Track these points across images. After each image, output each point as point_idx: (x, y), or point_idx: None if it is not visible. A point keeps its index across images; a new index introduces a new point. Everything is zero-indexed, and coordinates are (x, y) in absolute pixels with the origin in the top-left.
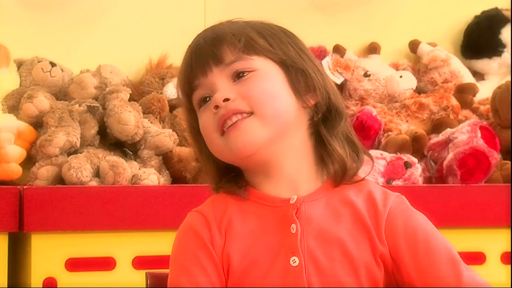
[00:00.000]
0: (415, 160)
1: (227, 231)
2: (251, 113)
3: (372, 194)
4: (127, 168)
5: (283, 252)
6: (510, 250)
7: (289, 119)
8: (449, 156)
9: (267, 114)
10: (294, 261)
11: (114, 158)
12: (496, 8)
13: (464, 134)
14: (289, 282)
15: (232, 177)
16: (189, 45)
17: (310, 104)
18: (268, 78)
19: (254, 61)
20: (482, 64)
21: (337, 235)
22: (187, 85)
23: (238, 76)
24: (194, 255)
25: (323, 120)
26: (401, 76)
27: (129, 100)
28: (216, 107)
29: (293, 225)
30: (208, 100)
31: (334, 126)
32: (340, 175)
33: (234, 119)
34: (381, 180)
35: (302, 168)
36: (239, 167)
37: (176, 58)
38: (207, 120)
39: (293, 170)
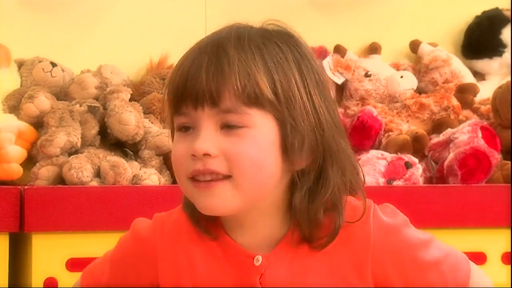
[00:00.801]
0: (415, 160)
1: (183, 272)
2: (228, 176)
3: (347, 235)
4: (128, 168)
5: None
6: (510, 251)
7: (269, 189)
8: (450, 156)
9: (245, 185)
10: None
11: (115, 158)
12: (497, 8)
13: (465, 134)
14: None
15: None
16: (188, 58)
17: (298, 167)
18: (259, 142)
19: (251, 116)
20: (483, 64)
21: None
22: (173, 103)
23: (228, 126)
24: (125, 257)
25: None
26: (401, 76)
27: (130, 100)
28: (193, 156)
29: (258, 257)
30: (188, 130)
31: (317, 195)
32: (310, 238)
33: (208, 177)
34: (381, 180)
35: (272, 219)
36: None
37: (177, 58)
38: (179, 152)
39: (262, 224)
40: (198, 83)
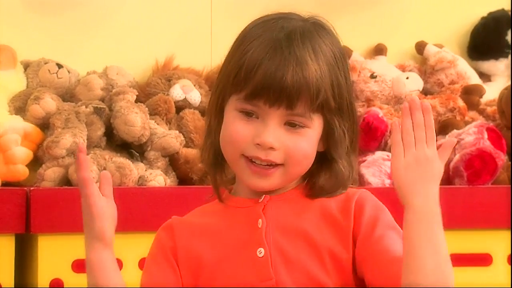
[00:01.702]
0: None
1: (197, 234)
2: (281, 165)
3: (342, 194)
4: (134, 170)
5: (251, 245)
6: (510, 251)
7: (306, 169)
8: (456, 157)
9: (293, 171)
10: (260, 252)
11: (121, 160)
12: (503, 10)
13: (471, 135)
14: (257, 272)
15: (220, 166)
16: (270, 46)
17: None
18: (313, 140)
19: (313, 120)
20: (489, 65)
21: (301, 226)
22: (247, 92)
23: (291, 125)
24: (156, 257)
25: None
26: (407, 78)
27: (136, 101)
28: (258, 145)
29: (260, 220)
30: (251, 115)
31: (343, 170)
32: (324, 191)
33: (267, 166)
34: (387, 181)
35: (292, 184)
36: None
37: (183, 59)
38: (240, 133)
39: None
40: (283, 89)
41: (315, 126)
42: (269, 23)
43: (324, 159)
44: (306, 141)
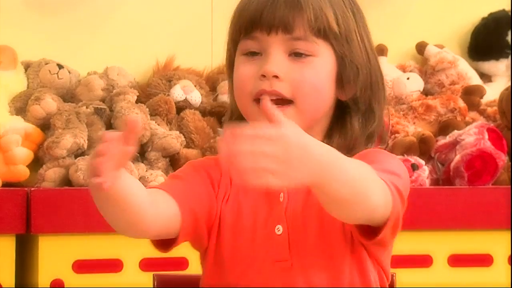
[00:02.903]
0: (422, 162)
1: (228, 189)
2: (290, 101)
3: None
4: (134, 170)
5: (270, 220)
6: (510, 251)
7: (323, 112)
8: (456, 158)
9: (305, 108)
10: (278, 229)
11: None
12: (504, 10)
13: (471, 136)
14: (273, 249)
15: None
16: None
17: (347, 97)
18: (322, 70)
19: (318, 46)
20: (489, 66)
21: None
22: (245, 26)
23: (296, 54)
24: (193, 172)
25: (353, 111)
26: (408, 78)
27: (136, 102)
28: (263, 76)
29: (282, 194)
30: (254, 55)
31: (368, 121)
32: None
33: (273, 97)
34: None
35: None
36: None
37: (183, 59)
38: (245, 73)
39: None
40: (276, 11)
41: (322, 55)
42: None
43: (341, 112)
44: (313, 70)
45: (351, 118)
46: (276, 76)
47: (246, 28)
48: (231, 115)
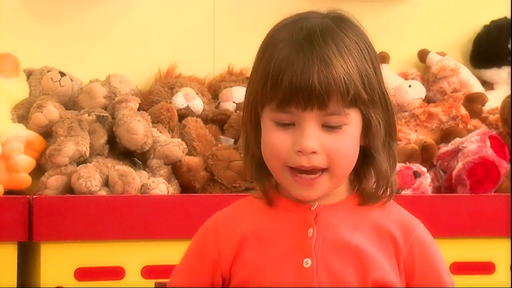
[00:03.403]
0: (424, 169)
1: (243, 233)
2: (325, 169)
3: (396, 216)
4: (136, 178)
5: (298, 254)
6: (510, 257)
7: (352, 168)
8: (458, 165)
9: (339, 173)
10: (306, 262)
11: (123, 168)
12: (506, 18)
13: (473, 143)
14: (301, 283)
15: (266, 174)
16: (286, 56)
17: (369, 144)
18: (353, 136)
19: (349, 116)
20: (491, 73)
21: (354, 241)
22: (279, 102)
23: (329, 127)
24: (192, 257)
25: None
26: (410, 86)
27: (138, 109)
28: (299, 152)
29: (311, 229)
30: (287, 125)
31: (392, 162)
32: (372, 195)
33: (312, 176)
34: None
35: (341, 190)
36: None
37: (185, 67)
38: (279, 143)
39: (332, 196)
40: (311, 89)
41: (353, 121)
42: (288, 26)
43: (366, 156)
44: (347, 139)
45: (375, 159)
46: (314, 152)
47: (281, 103)
48: (251, 159)
